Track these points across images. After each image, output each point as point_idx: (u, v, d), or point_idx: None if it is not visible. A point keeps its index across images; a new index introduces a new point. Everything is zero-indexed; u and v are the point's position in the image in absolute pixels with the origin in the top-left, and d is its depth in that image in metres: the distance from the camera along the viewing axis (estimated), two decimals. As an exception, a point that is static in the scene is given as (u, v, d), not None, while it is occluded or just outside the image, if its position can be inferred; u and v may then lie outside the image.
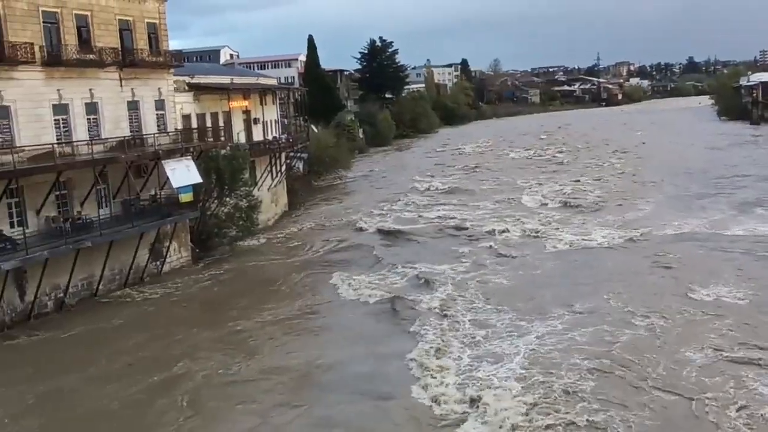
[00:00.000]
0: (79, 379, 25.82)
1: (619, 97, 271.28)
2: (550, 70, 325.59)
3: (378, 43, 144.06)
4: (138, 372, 26.15)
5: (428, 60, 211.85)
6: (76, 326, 31.93)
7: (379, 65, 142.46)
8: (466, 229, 48.66)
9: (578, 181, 68.58)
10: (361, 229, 51.24)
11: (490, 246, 43.21)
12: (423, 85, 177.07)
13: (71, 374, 26.29)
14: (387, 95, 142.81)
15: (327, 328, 30.98)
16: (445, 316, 30.59)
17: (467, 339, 27.72)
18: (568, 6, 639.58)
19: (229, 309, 33.67)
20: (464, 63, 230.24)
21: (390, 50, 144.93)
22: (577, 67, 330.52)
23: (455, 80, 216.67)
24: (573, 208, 54.48)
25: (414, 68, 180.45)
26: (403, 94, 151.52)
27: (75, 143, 35.51)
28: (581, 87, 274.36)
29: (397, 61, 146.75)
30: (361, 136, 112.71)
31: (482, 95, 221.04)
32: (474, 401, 22.14)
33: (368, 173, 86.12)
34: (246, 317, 32.31)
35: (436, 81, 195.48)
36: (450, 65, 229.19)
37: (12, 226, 32.32)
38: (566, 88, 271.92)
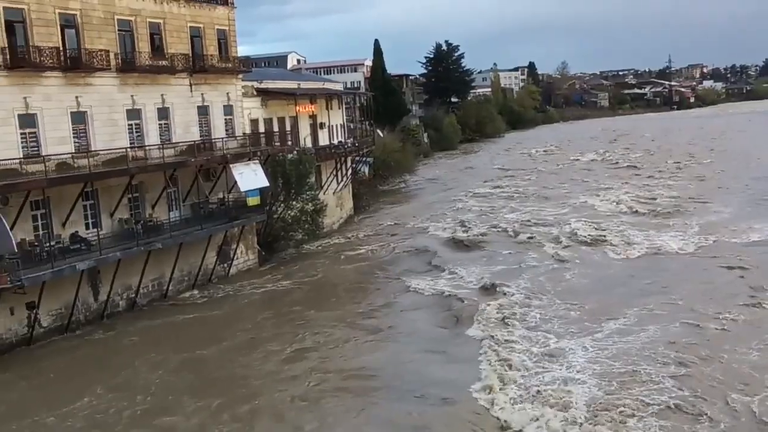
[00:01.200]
0: (147, 371, 26.48)
1: (692, 100, 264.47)
2: (620, 73, 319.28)
3: (444, 48, 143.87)
4: (199, 368, 26.69)
5: (494, 64, 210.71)
6: (151, 324, 32.83)
7: (445, 69, 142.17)
8: (533, 232, 48.05)
9: (651, 185, 67.06)
10: (425, 233, 51.13)
11: (558, 251, 42.61)
12: (489, 89, 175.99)
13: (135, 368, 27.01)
14: (452, 99, 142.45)
15: (392, 330, 30.97)
16: (511, 320, 30.26)
17: (533, 344, 27.37)
18: (639, 7, 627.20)
19: (294, 311, 34.03)
20: (531, 66, 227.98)
21: (456, 54, 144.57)
22: (648, 70, 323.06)
23: (522, 84, 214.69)
24: (645, 213, 53.25)
25: (480, 72, 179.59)
26: (469, 98, 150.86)
27: (147, 147, 36.45)
28: (652, 90, 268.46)
29: (462, 65, 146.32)
30: (425, 140, 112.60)
31: (549, 99, 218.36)
32: (540, 408, 21.82)
33: (433, 177, 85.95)
34: (311, 318, 32.61)
35: (502, 85, 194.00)
36: (516, 69, 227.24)
37: (87, 227, 33.35)
38: (636, 91, 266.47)
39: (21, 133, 30.85)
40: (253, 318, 33.97)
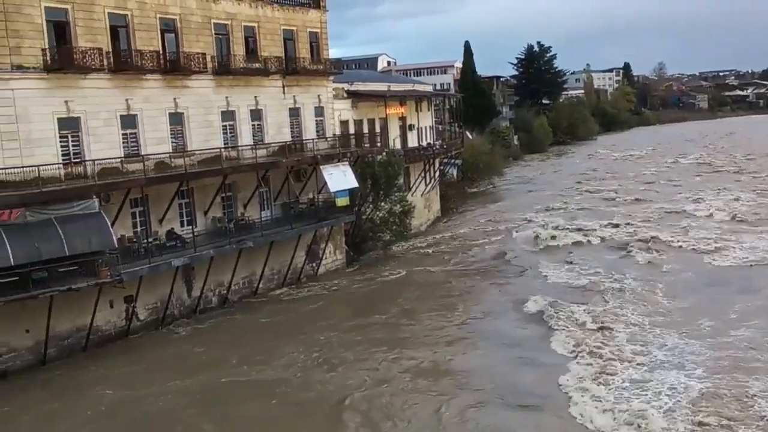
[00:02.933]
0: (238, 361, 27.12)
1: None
2: (721, 74, 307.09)
3: (535, 49, 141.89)
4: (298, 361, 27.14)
5: (588, 65, 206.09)
6: (238, 319, 33.63)
7: (536, 71, 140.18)
8: (625, 237, 46.79)
9: (751, 192, 64.17)
10: (514, 236, 50.50)
11: (651, 257, 41.40)
12: (582, 91, 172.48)
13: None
14: (544, 101, 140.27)
15: (480, 333, 30.72)
16: (602, 327, 29.56)
17: (624, 353, 26.63)
18: (742, 5, 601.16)
19: (382, 310, 34.17)
20: (626, 67, 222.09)
21: (548, 55, 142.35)
22: (750, 71, 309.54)
23: (616, 85, 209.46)
24: (743, 221, 51.04)
25: (573, 73, 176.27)
26: (561, 100, 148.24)
27: (240, 148, 37.33)
28: (755, 92, 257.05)
29: (554, 66, 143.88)
30: (515, 142, 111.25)
31: (645, 101, 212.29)
32: (632, 418, 21.20)
33: (522, 180, 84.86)
34: (399, 318, 32.71)
35: (595, 86, 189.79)
36: (611, 70, 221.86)
37: (182, 225, 34.45)
38: (738, 93, 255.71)
39: (122, 134, 32.14)
40: (340, 315, 34.32)
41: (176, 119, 34.62)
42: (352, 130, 47.45)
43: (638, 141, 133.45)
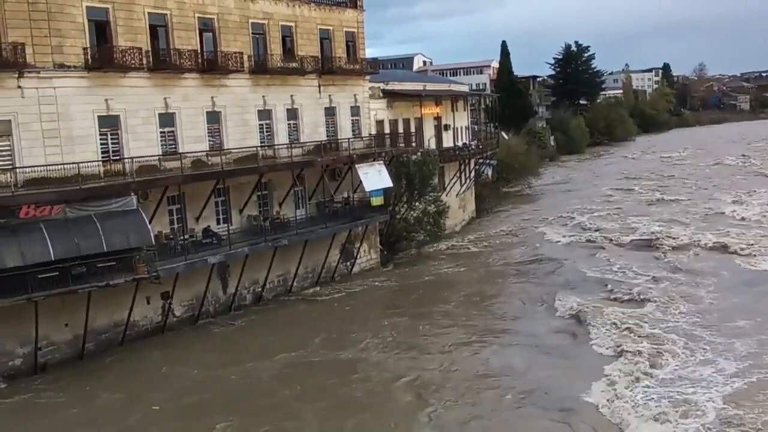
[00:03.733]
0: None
1: None
2: (763, 74, 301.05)
3: (573, 48, 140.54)
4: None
5: (626, 65, 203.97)
6: (277, 316, 33.88)
7: (574, 71, 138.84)
8: (661, 240, 46.06)
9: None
10: (548, 238, 50.10)
11: (688, 260, 40.73)
12: (620, 91, 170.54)
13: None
14: (581, 102, 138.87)
15: (513, 335, 30.52)
16: (637, 331, 29.13)
17: (660, 357, 26.23)
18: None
19: (415, 311, 34.15)
20: (666, 67, 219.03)
21: (586, 55, 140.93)
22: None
23: (655, 86, 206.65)
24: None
25: (611, 73, 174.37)
26: (599, 101, 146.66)
27: (276, 147, 37.56)
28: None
29: (592, 66, 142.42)
30: (552, 143, 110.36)
31: (684, 101, 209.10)
32: (666, 424, 20.90)
33: (558, 181, 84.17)
34: (432, 319, 32.62)
35: (634, 87, 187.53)
36: (650, 70, 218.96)
37: (218, 222, 34.76)
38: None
39: (161, 132, 32.54)
40: (375, 314, 34.41)
41: (213, 118, 34.94)
42: (387, 130, 47.48)
43: (677, 142, 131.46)
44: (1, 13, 27.15)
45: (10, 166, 27.21)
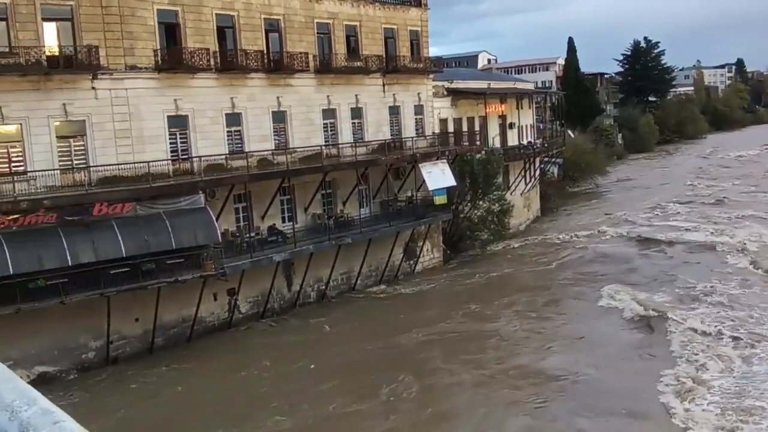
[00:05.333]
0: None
1: None
2: None
3: (642, 44, 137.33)
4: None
5: (698, 61, 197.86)
6: (340, 314, 34.15)
7: (643, 67, 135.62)
8: (731, 244, 44.59)
9: None
10: (615, 239, 49.11)
11: (758, 265, 39.34)
12: (691, 88, 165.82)
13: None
14: (650, 99, 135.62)
15: (579, 337, 30.07)
16: (706, 335, 28.31)
17: (729, 363, 25.44)
18: None
19: (480, 310, 33.94)
20: (740, 63, 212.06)
21: (655, 51, 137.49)
22: None
23: (728, 82, 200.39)
24: None
25: (681, 70, 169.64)
26: (669, 98, 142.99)
27: (341, 145, 37.81)
28: None
29: (662, 62, 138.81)
30: (620, 141, 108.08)
31: (759, 98, 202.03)
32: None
33: (626, 180, 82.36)
34: (496, 319, 32.40)
35: (706, 83, 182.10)
36: (723, 66, 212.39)
37: (283, 221, 35.19)
38: None
39: (227, 131, 33.12)
40: (438, 312, 34.28)
41: (279, 117, 35.38)
42: (451, 128, 47.27)
43: (751, 140, 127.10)
44: (77, 17, 28.05)
45: (85, 165, 28.10)
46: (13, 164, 26.97)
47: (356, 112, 39.50)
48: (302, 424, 22.73)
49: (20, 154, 27.18)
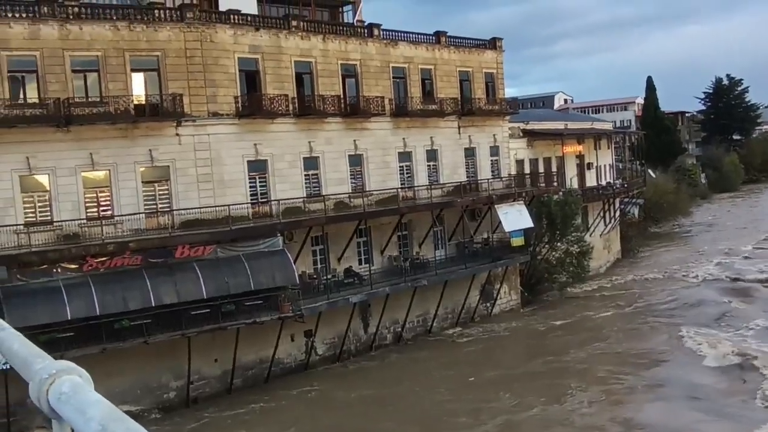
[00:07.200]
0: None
1: None
2: None
3: (724, 82, 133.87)
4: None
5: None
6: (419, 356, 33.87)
7: (726, 105, 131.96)
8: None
9: None
10: (700, 281, 47.38)
11: None
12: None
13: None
14: (734, 137, 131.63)
15: (663, 385, 28.92)
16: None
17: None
18: None
19: (557, 355, 33.13)
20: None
21: (739, 88, 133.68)
22: None
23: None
24: None
25: (767, 107, 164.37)
26: (754, 136, 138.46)
27: (416, 188, 37.93)
28: None
29: (746, 99, 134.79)
30: (703, 181, 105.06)
31: None
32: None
33: (711, 221, 79.70)
34: (574, 365, 31.56)
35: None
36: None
37: (360, 263, 35.35)
38: None
39: (305, 175, 33.69)
40: (515, 357, 33.75)
41: (355, 160, 35.80)
42: (527, 169, 46.87)
43: None
44: (163, 67, 29.23)
45: (168, 209, 28.99)
46: (101, 208, 28.06)
47: (432, 155, 39.63)
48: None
49: (108, 198, 28.27)
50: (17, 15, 26.81)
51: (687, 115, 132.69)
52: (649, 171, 77.48)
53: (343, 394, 29.46)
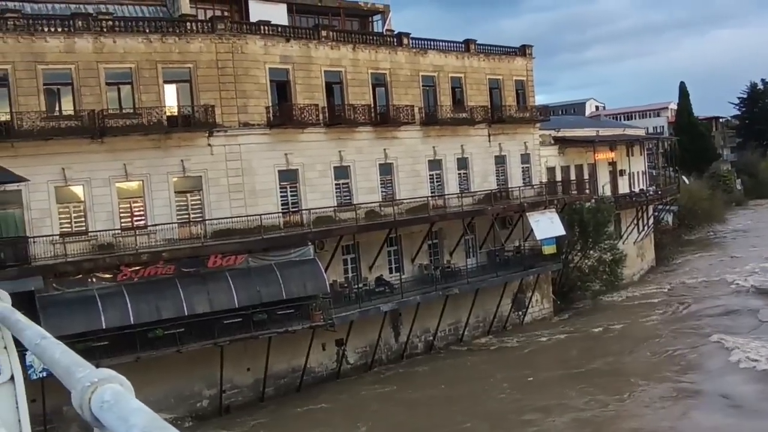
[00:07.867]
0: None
1: None
2: None
3: (759, 86, 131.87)
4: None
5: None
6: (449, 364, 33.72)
7: (762, 110, 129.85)
8: None
9: None
10: (737, 289, 46.55)
11: None
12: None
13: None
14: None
15: (703, 394, 28.42)
16: None
17: None
18: None
19: (592, 364, 32.74)
20: None
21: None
22: None
23: None
24: None
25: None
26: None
27: (447, 196, 37.85)
28: None
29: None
30: (738, 187, 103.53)
31: None
32: None
33: (747, 228, 78.38)
34: (609, 375, 31.12)
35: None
36: None
37: (390, 272, 35.33)
38: None
39: (336, 184, 33.80)
40: (548, 367, 33.29)
41: (385, 169, 35.85)
42: (558, 177, 46.55)
43: None
44: (194, 78, 29.57)
45: (200, 219, 29.26)
46: (135, 218, 28.41)
47: (462, 163, 39.54)
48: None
49: (141, 208, 28.62)
50: (53, 29, 27.31)
51: (721, 120, 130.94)
52: (683, 177, 76.49)
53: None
